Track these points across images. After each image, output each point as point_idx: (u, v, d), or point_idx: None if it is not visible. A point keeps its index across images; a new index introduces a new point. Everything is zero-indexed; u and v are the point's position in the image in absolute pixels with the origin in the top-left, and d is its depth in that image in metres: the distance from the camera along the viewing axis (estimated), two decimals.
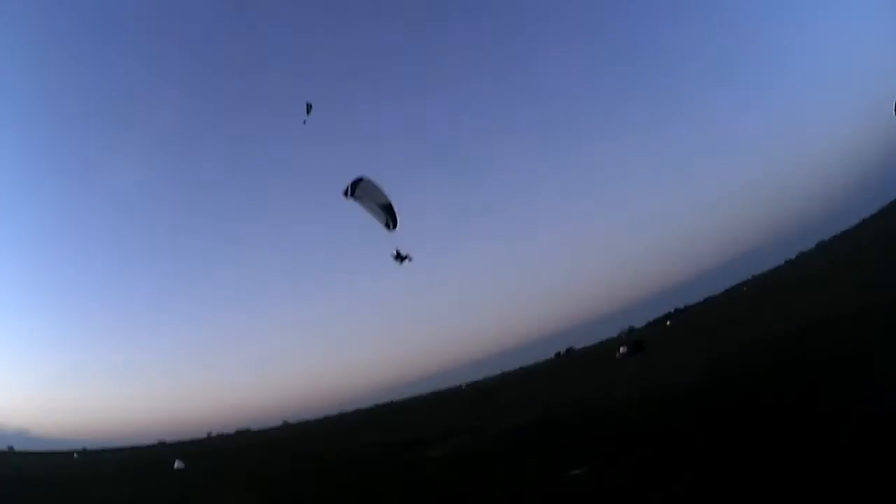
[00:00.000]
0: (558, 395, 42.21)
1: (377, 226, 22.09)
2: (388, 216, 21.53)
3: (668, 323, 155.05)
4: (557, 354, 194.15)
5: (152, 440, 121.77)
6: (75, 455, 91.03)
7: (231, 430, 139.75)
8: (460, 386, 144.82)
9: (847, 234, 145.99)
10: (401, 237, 21.86)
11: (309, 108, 39.13)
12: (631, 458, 14.50)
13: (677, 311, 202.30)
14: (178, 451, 63.83)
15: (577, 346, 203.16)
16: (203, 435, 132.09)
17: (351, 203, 21.39)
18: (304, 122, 37.16)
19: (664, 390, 26.25)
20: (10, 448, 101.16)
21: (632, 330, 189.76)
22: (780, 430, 12.71)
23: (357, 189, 21.10)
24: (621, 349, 73.69)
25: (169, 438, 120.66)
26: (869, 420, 11.04)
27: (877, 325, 22.21)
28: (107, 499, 28.03)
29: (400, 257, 22.02)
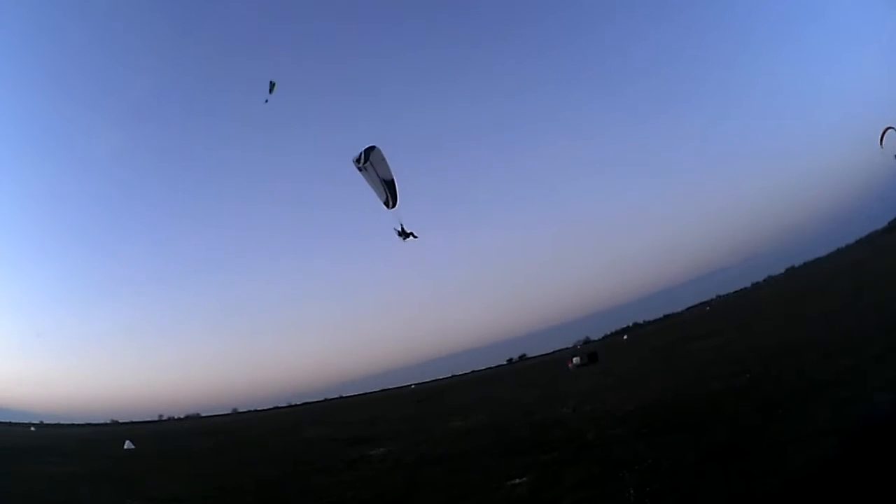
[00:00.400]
0: (507, 401, 42.78)
1: (354, 207, 21.17)
2: (390, 192, 20.84)
3: (624, 337, 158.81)
4: (510, 360, 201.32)
5: (105, 418, 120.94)
6: (32, 428, 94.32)
7: (181, 414, 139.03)
8: (410, 386, 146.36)
9: (819, 261, 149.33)
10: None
11: (272, 86, 39.06)
12: (574, 469, 14.45)
13: (636, 325, 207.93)
14: (129, 432, 65.56)
15: (531, 353, 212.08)
16: (154, 417, 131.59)
17: (353, 173, 20.82)
18: (266, 101, 37.72)
19: (613, 403, 26.73)
20: None
21: (588, 341, 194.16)
22: (717, 459, 12.80)
23: (371, 156, 20.43)
24: (574, 359, 74.61)
25: (121, 418, 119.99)
26: (803, 469, 11.05)
27: (833, 357, 22.32)
28: (57, 475, 28.64)
29: (405, 234, 21.54)
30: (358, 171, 20.77)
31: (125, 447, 44.32)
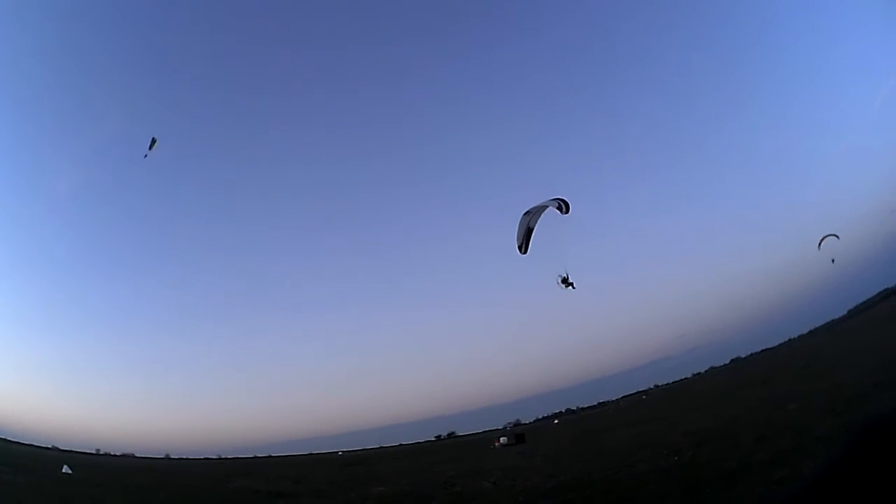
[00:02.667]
0: (430, 472, 44.76)
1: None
2: (526, 240, 25.83)
3: (555, 421, 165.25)
4: (438, 437, 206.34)
5: (47, 443, 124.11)
6: None
7: (118, 451, 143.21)
8: (338, 452, 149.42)
9: (768, 351, 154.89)
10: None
11: (153, 143, 42.00)
12: None
13: (569, 410, 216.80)
14: (67, 458, 69.73)
15: (461, 431, 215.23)
16: (92, 449, 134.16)
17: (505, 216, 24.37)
18: (146, 156, 43.61)
19: (535, 480, 28.10)
20: None
21: (518, 423, 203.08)
22: None
23: (539, 206, 25.03)
24: (501, 439, 79.37)
25: (62, 445, 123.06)
26: None
27: (772, 439, 22.35)
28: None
29: (567, 282, 26.45)
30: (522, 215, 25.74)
31: (63, 471, 48.62)
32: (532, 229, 25.80)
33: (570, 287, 26.36)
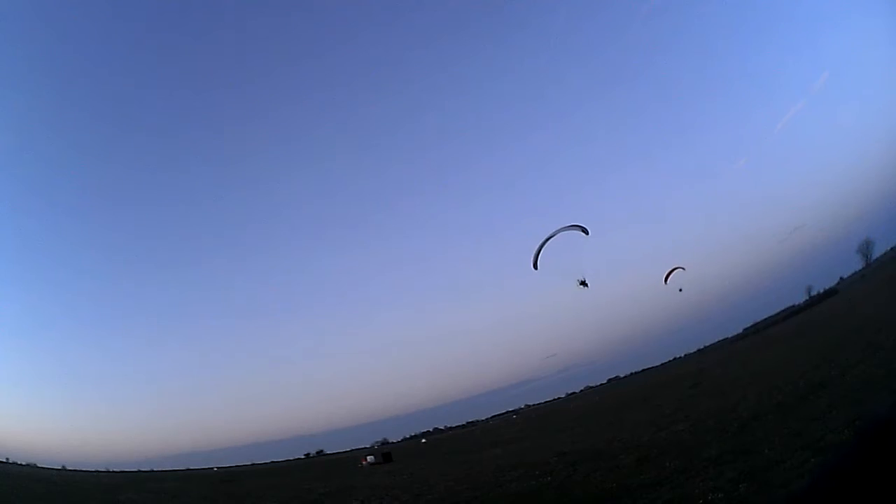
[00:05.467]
0: (301, 490, 46.86)
1: None
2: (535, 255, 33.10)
3: (423, 440, 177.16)
4: (307, 455, 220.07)
5: None
6: None
7: (22, 460, 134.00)
8: (213, 469, 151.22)
9: (650, 371, 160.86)
10: None
11: None
12: None
13: (436, 430, 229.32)
14: None
15: (329, 450, 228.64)
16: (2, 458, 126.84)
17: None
18: None
19: (403, 499, 29.50)
20: None
21: (385, 442, 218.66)
22: None
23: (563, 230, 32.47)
24: (368, 458, 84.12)
25: None
26: None
27: (655, 460, 22.23)
28: None
29: (583, 284, 33.68)
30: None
31: None
32: (541, 248, 32.65)
33: (585, 286, 33.64)
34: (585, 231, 32.33)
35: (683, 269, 41.00)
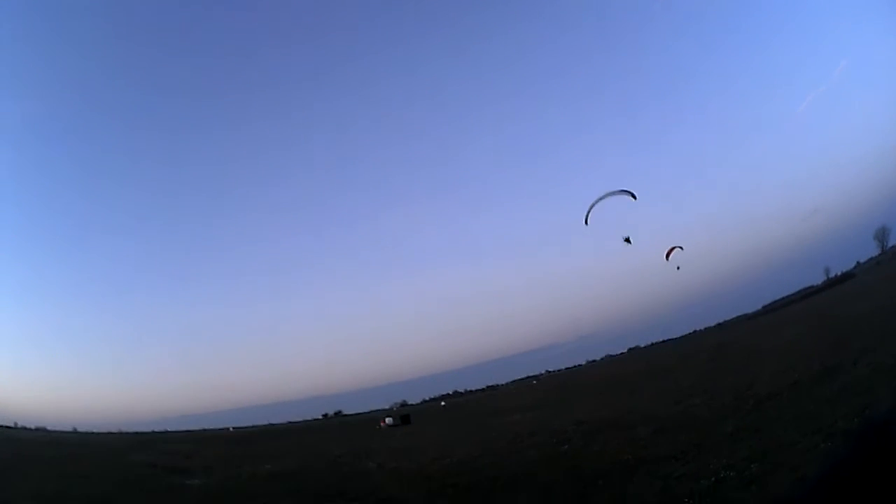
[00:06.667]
0: (318, 451, 47.79)
1: None
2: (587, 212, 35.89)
3: (442, 403, 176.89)
4: (325, 415, 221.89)
5: None
6: None
7: (32, 424, 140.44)
8: (228, 429, 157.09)
9: (669, 342, 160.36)
10: None
11: None
12: None
13: (456, 393, 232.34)
14: None
15: (347, 410, 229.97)
16: (10, 423, 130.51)
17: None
18: None
19: (420, 462, 30.01)
20: None
21: (405, 404, 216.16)
22: None
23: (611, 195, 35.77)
24: (387, 419, 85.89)
25: None
26: None
27: (671, 433, 22.54)
28: None
29: (627, 241, 37.57)
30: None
31: None
32: (592, 206, 35.56)
33: (629, 243, 37.51)
34: (634, 196, 35.91)
35: (682, 248, 42.99)
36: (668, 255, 42.44)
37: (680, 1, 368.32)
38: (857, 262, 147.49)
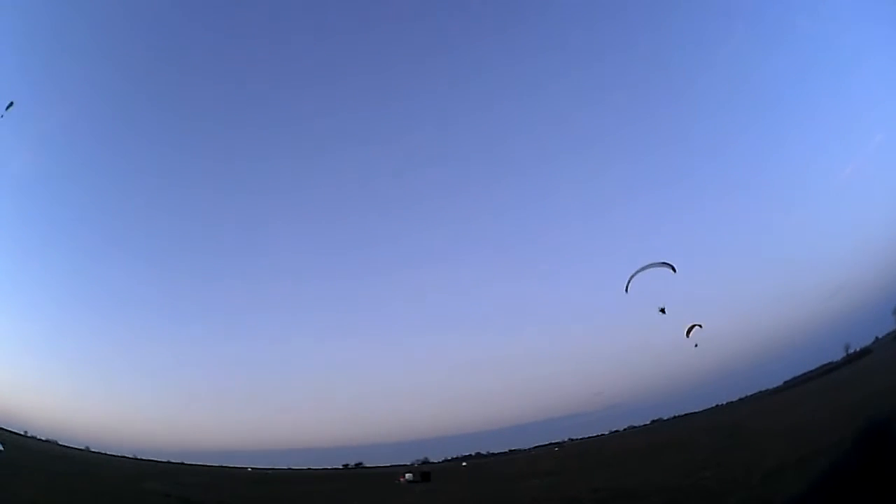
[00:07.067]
0: (332, 501, 50.87)
1: None
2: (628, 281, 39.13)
3: (464, 463, 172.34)
4: (346, 466, 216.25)
5: None
6: None
7: (43, 436, 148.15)
8: (247, 469, 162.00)
9: (690, 416, 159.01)
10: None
11: (9, 105, 45.07)
12: None
13: (479, 454, 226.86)
14: None
15: (368, 463, 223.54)
16: (20, 430, 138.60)
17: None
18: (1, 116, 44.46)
19: None
20: None
21: (426, 461, 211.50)
22: None
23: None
24: (407, 475, 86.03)
25: None
26: None
27: None
28: None
29: (662, 311, 39.90)
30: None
31: None
32: (632, 277, 38.38)
33: (664, 313, 39.80)
34: (673, 269, 38.31)
35: (701, 326, 44.11)
36: (688, 333, 43.33)
37: (704, 71, 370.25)
38: (876, 338, 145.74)
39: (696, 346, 43.97)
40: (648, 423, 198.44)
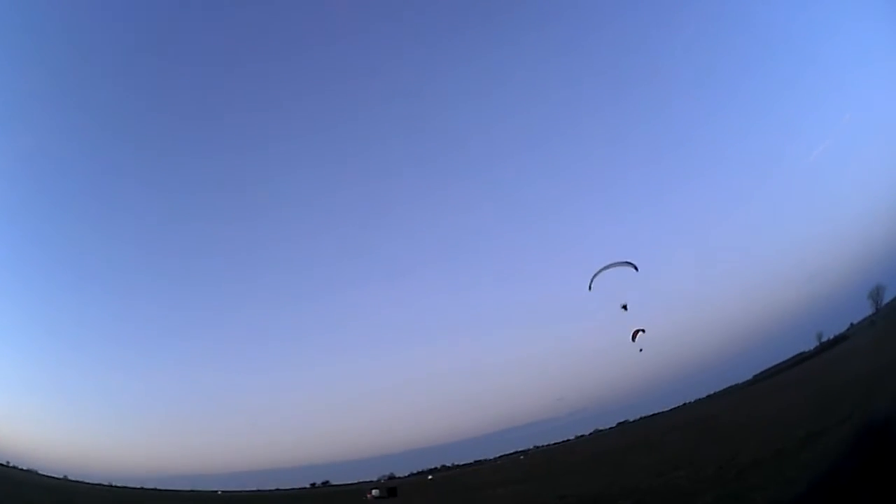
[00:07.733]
0: None
1: None
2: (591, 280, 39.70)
3: (429, 477, 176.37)
4: (313, 485, 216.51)
5: None
6: None
7: (23, 465, 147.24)
8: (217, 491, 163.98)
9: (659, 416, 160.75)
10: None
11: None
12: None
13: (444, 467, 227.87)
14: None
15: (335, 480, 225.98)
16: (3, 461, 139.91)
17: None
18: None
19: None
20: None
21: (392, 477, 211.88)
22: None
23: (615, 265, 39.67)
24: (374, 492, 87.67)
25: None
26: None
27: None
28: None
29: (624, 307, 39.57)
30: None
31: None
32: (595, 276, 39.15)
33: (625, 309, 39.55)
34: (636, 268, 39.39)
35: (644, 331, 44.41)
36: (633, 337, 43.35)
37: (673, 61, 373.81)
38: (851, 324, 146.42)
39: (640, 350, 44.08)
40: (615, 425, 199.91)
